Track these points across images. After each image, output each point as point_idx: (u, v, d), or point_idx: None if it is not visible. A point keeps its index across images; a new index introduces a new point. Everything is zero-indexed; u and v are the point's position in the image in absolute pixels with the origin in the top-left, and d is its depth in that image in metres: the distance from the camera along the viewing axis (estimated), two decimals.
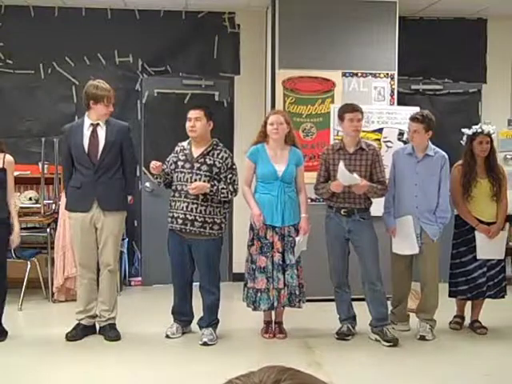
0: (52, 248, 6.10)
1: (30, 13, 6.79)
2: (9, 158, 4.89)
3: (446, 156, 4.98)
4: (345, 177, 4.68)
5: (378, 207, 5.04)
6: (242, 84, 7.00)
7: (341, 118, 4.88)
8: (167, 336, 4.85)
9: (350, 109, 4.86)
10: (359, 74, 6.17)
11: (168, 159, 4.92)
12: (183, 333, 4.95)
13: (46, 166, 6.42)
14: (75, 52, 6.81)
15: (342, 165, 4.68)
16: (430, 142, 4.97)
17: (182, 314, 4.95)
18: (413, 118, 4.95)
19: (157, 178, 4.89)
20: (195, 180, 4.72)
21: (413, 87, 7.09)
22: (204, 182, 4.71)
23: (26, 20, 6.77)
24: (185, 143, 4.89)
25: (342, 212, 4.85)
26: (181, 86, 6.88)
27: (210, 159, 4.77)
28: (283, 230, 4.81)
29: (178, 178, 4.79)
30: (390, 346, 4.75)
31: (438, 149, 4.99)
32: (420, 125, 4.87)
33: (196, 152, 4.81)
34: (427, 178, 4.92)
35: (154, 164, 4.77)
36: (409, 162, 4.98)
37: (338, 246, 4.91)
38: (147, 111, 6.86)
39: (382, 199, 5.02)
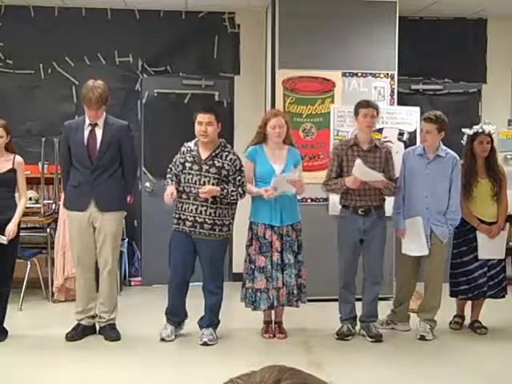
0: (52, 248, 6.10)
1: (30, 13, 6.79)
2: (19, 158, 4.91)
3: (458, 157, 4.97)
4: (364, 173, 4.69)
5: (388, 207, 5.07)
6: (242, 84, 7.00)
7: (356, 113, 4.89)
8: (162, 339, 4.76)
9: (364, 104, 4.88)
10: (359, 74, 6.16)
11: (174, 160, 4.85)
12: (176, 335, 4.86)
13: (45, 165, 6.42)
14: (75, 52, 6.81)
15: (359, 161, 4.67)
16: (441, 143, 4.96)
17: (176, 315, 4.90)
18: (426, 119, 4.95)
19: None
20: (204, 182, 4.69)
21: (413, 87, 7.09)
22: (213, 184, 4.69)
23: (26, 20, 6.77)
24: (191, 144, 4.83)
25: (359, 212, 4.84)
26: (181, 86, 6.88)
27: (218, 161, 4.75)
28: (282, 229, 4.81)
29: (186, 179, 4.74)
30: (373, 341, 4.82)
31: (449, 150, 4.97)
32: (433, 125, 4.86)
33: (204, 154, 4.77)
34: (438, 179, 4.90)
35: (169, 194, 4.63)
36: (419, 162, 4.96)
37: (352, 248, 4.91)
38: (147, 111, 6.86)
39: (392, 199, 5.03)
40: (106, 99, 4.74)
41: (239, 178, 4.79)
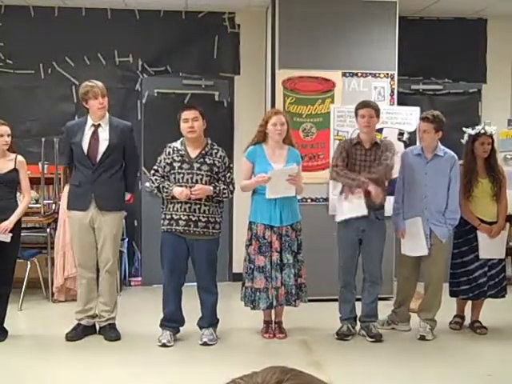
0: (52, 248, 6.10)
1: (30, 13, 6.80)
2: (20, 158, 4.92)
3: (456, 156, 4.97)
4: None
5: (388, 207, 5.06)
6: (242, 84, 7.00)
7: (355, 113, 4.91)
8: (164, 345, 4.67)
9: (362, 105, 4.90)
10: (359, 74, 6.17)
11: (159, 161, 4.83)
12: (174, 340, 4.81)
13: (45, 165, 6.42)
14: (75, 52, 6.81)
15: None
16: (439, 143, 4.96)
17: (175, 321, 4.85)
18: (423, 118, 4.95)
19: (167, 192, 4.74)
20: (196, 180, 4.68)
21: (413, 87, 7.10)
22: (205, 181, 4.69)
23: (26, 20, 6.77)
24: (177, 144, 4.81)
25: None
26: (181, 86, 6.88)
27: (209, 159, 4.76)
28: (281, 229, 4.81)
29: (177, 179, 4.73)
30: (373, 341, 4.82)
31: (447, 149, 4.97)
32: (430, 125, 4.86)
33: (193, 152, 4.77)
34: (437, 179, 4.90)
35: (183, 192, 4.61)
36: (418, 162, 4.96)
37: (350, 247, 4.92)
38: (147, 111, 6.86)
39: (392, 200, 5.04)
40: (106, 91, 4.82)
41: (229, 174, 4.81)
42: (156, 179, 4.79)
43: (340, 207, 4.93)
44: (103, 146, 4.78)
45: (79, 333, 4.83)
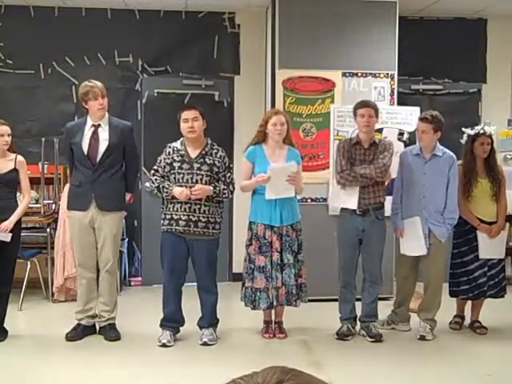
0: (52, 248, 6.11)
1: (30, 13, 6.80)
2: (20, 158, 4.93)
3: (455, 156, 4.97)
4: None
5: (388, 207, 5.07)
6: (242, 84, 7.01)
7: (354, 113, 4.90)
8: (164, 345, 4.68)
9: (361, 105, 4.89)
10: (359, 74, 6.17)
11: (159, 161, 4.83)
12: (174, 340, 4.81)
13: (45, 165, 6.42)
14: (75, 52, 6.82)
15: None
16: (438, 143, 4.96)
17: (175, 321, 4.85)
18: (422, 118, 4.95)
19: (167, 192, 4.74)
20: (196, 181, 4.69)
21: (413, 87, 7.10)
22: (205, 181, 4.69)
23: (26, 20, 6.77)
24: (177, 144, 4.81)
25: (357, 212, 4.85)
26: (181, 86, 6.88)
27: (209, 159, 4.76)
28: (281, 229, 4.81)
29: (177, 179, 4.73)
30: (373, 341, 4.83)
31: (446, 149, 4.97)
32: (429, 125, 4.87)
33: (193, 152, 4.77)
34: (435, 179, 4.90)
35: (183, 192, 4.62)
36: (416, 162, 4.97)
37: (350, 247, 4.92)
38: (147, 111, 6.86)
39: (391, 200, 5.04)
40: (106, 92, 4.82)
41: (229, 174, 4.81)
42: (156, 179, 4.79)
43: (338, 195, 4.99)
44: (103, 146, 4.79)
45: (79, 333, 4.84)
